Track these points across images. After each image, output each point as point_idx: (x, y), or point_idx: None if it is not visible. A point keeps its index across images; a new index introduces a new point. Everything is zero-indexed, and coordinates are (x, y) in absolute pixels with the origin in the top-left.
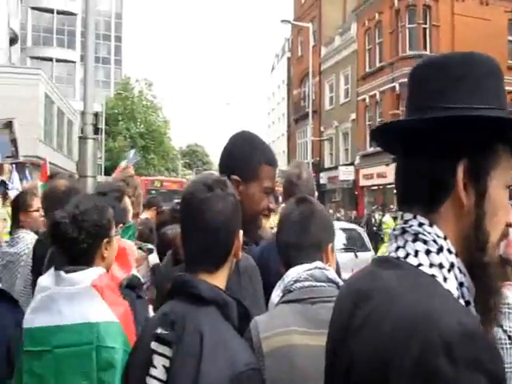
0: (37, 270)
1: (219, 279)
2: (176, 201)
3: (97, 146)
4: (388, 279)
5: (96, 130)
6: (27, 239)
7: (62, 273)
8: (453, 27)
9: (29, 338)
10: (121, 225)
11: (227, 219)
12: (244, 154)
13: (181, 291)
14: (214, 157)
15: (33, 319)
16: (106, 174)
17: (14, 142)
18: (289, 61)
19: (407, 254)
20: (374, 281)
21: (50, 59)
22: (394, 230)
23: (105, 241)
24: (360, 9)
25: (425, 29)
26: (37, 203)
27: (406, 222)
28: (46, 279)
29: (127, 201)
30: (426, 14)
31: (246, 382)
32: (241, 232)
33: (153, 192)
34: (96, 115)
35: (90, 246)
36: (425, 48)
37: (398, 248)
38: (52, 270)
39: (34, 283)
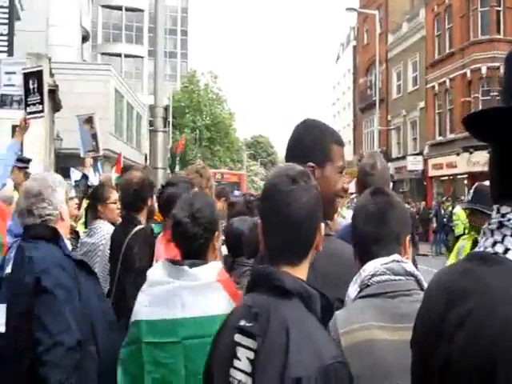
0: (114, 259)
1: (301, 271)
2: (236, 193)
3: (167, 139)
4: (486, 276)
5: (165, 123)
6: (104, 230)
7: (186, 267)
8: None
9: (150, 329)
10: None
11: (311, 212)
12: (315, 139)
13: (263, 283)
14: (279, 148)
15: (153, 312)
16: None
17: (94, 136)
18: (354, 49)
19: (506, 250)
20: (470, 279)
21: (119, 55)
22: (489, 224)
23: (216, 234)
24: None
25: (498, 12)
26: (114, 195)
27: (503, 215)
28: (158, 273)
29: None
30: None
31: (333, 375)
32: (322, 225)
33: (215, 184)
34: (166, 109)
35: (206, 241)
36: (498, 32)
37: (495, 243)
38: (162, 263)
39: (111, 271)
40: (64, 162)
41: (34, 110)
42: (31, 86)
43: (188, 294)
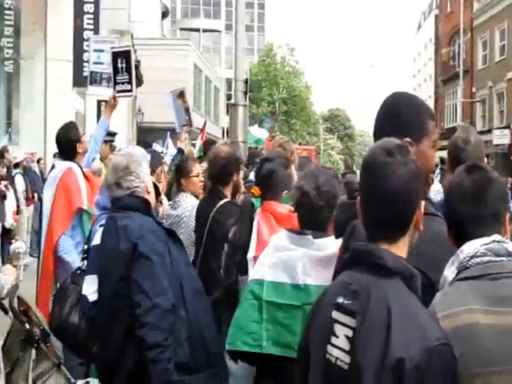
0: (200, 232)
1: (401, 249)
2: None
3: (247, 112)
4: None
5: (245, 97)
6: (187, 202)
7: (311, 237)
8: None
9: (273, 290)
10: (286, 191)
11: (408, 185)
12: (413, 113)
13: (363, 261)
14: (356, 121)
15: (276, 274)
16: None
17: (187, 110)
18: (436, 18)
19: None
20: None
21: (198, 30)
22: None
23: (334, 211)
24: None
25: None
26: (196, 169)
27: None
28: (282, 239)
29: (293, 168)
30: None
31: (437, 357)
32: (423, 202)
33: None
34: (246, 82)
35: (328, 214)
36: None
37: None
38: (285, 231)
39: (196, 243)
40: (145, 136)
41: (122, 88)
42: (119, 65)
43: (311, 262)
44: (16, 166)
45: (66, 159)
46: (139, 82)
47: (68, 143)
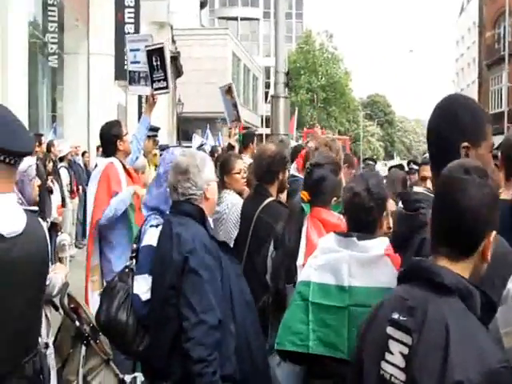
0: (244, 231)
1: (462, 269)
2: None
3: (288, 104)
4: None
5: (287, 88)
6: (229, 199)
7: (355, 239)
8: None
9: (319, 292)
10: (335, 198)
11: (479, 206)
12: (472, 117)
13: (420, 276)
14: (396, 107)
15: (322, 276)
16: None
17: (235, 105)
18: (480, 1)
19: None
20: None
21: (236, 18)
22: None
23: (384, 213)
24: None
25: None
26: (238, 165)
27: None
28: (329, 241)
29: (342, 175)
30: None
31: (498, 381)
32: (494, 233)
33: None
34: (287, 73)
35: (377, 216)
36: None
37: None
38: (333, 234)
39: (241, 240)
40: (185, 125)
41: (159, 86)
42: (154, 63)
43: (356, 263)
44: (61, 159)
45: (107, 156)
46: (179, 73)
47: (109, 139)
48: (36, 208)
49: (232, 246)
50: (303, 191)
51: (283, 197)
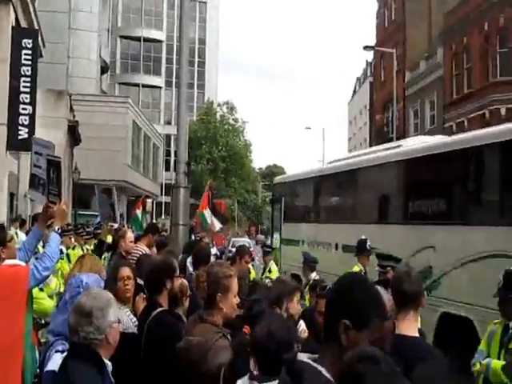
0: (139, 338)
1: None
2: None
3: (188, 195)
4: None
5: (187, 179)
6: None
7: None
8: None
9: None
10: None
11: None
12: (363, 301)
13: None
14: None
15: None
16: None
17: (112, 205)
18: (371, 85)
19: None
20: None
21: (137, 85)
22: None
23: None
24: (447, 32)
25: None
26: (121, 273)
27: None
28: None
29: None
30: None
31: None
32: None
33: None
34: (189, 164)
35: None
36: None
37: None
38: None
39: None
40: (83, 192)
41: (53, 199)
42: (52, 175)
43: None
44: None
45: None
46: (76, 142)
47: None
48: None
49: None
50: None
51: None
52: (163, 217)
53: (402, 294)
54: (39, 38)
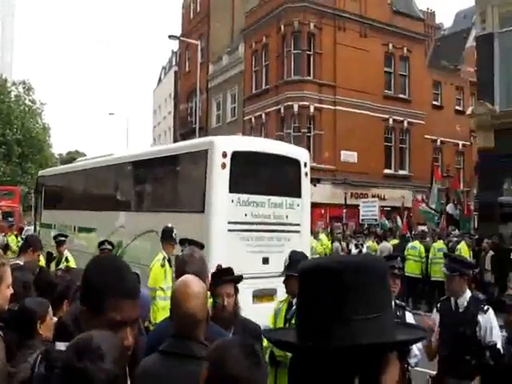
0: None
1: None
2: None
3: None
4: None
5: None
6: None
7: None
8: (335, 55)
9: None
10: None
11: None
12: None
13: None
14: None
15: None
16: None
17: None
18: (176, 75)
19: None
20: None
21: None
22: None
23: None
24: (248, 30)
25: (309, 55)
26: None
27: None
28: None
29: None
30: (310, 41)
31: None
32: None
33: None
34: None
35: None
36: (308, 74)
37: None
38: None
39: None
40: None
41: None
42: None
43: None
44: None
45: None
46: None
47: None
48: None
49: None
50: None
51: None
52: None
53: None
54: None
